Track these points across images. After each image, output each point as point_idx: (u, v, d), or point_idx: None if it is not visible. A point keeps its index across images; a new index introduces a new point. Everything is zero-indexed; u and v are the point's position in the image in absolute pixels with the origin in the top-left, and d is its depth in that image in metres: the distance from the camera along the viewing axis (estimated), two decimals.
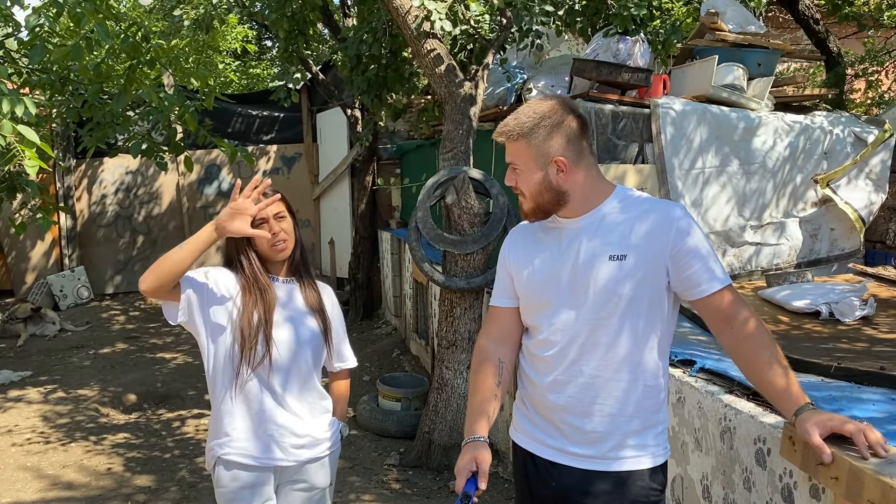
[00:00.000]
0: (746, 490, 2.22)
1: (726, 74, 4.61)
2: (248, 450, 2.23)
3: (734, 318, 1.80)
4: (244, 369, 2.17)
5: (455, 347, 4.63)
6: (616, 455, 1.85)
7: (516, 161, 1.90)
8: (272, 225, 2.21)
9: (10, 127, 4.48)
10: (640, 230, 1.83)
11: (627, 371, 1.84)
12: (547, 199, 1.88)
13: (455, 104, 4.64)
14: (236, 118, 10.67)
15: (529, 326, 2.00)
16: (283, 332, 2.23)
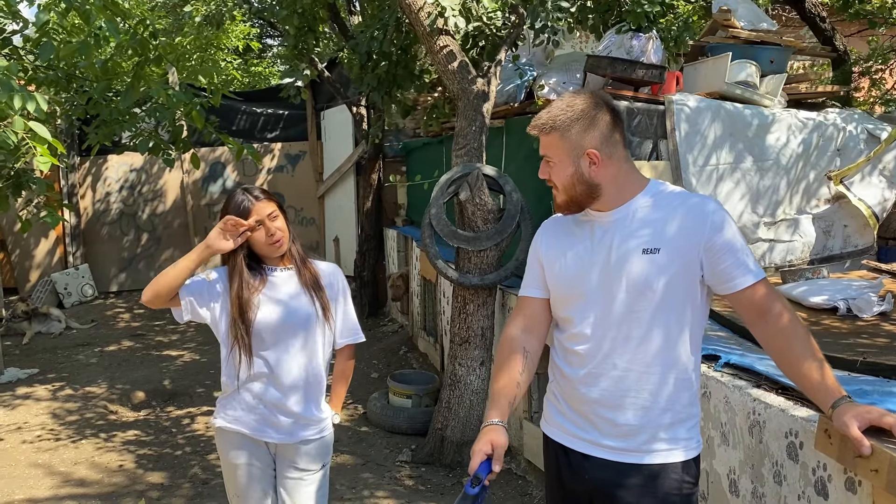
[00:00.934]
0: (777, 484, 2.23)
1: (739, 71, 4.62)
2: (241, 422, 2.48)
3: (768, 312, 1.80)
4: (236, 351, 2.42)
5: (468, 344, 4.63)
6: (649, 448, 1.85)
7: (549, 154, 1.90)
8: (267, 226, 2.40)
9: (21, 123, 4.47)
10: (674, 224, 1.83)
11: (660, 364, 1.84)
12: (580, 191, 1.89)
13: (468, 101, 4.64)
14: (241, 116, 10.66)
15: (561, 319, 1.99)
16: (274, 316, 2.42)
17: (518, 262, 4.53)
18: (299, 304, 2.46)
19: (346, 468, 4.68)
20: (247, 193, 2.43)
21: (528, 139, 5.03)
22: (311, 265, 2.55)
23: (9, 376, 6.73)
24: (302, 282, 2.48)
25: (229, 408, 2.50)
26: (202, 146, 10.10)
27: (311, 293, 2.48)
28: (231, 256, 2.43)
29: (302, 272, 2.50)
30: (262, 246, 2.43)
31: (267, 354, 2.44)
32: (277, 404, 2.46)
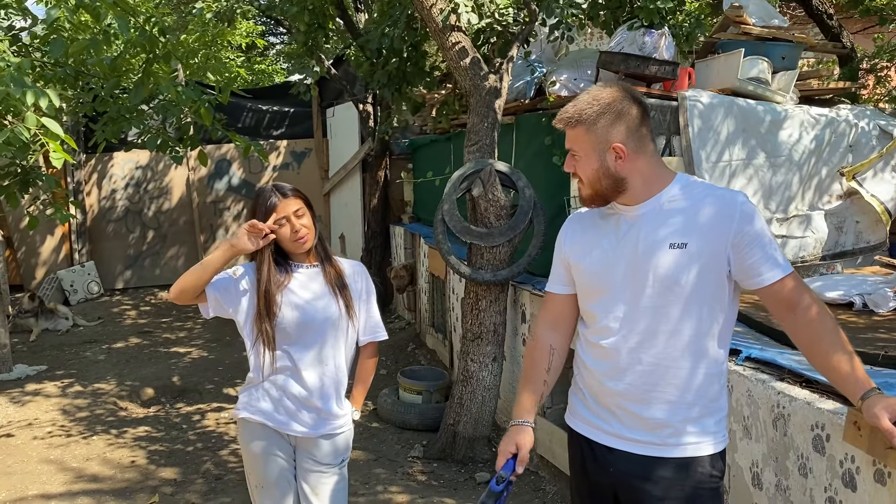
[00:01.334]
0: (802, 476, 2.23)
1: (751, 68, 4.62)
2: (265, 414, 2.52)
3: (797, 305, 1.80)
4: (260, 345, 2.47)
5: (480, 340, 4.63)
6: (676, 441, 1.85)
7: (575, 147, 1.90)
8: (293, 222, 2.43)
9: (34, 119, 4.48)
10: (702, 218, 1.83)
11: (688, 359, 1.84)
12: (605, 185, 1.89)
13: (480, 97, 4.64)
14: (246, 113, 10.67)
15: (587, 314, 2.00)
16: (297, 313, 2.46)
17: (531, 258, 4.54)
18: (323, 302, 2.49)
19: (359, 464, 4.69)
20: (275, 191, 2.46)
21: (539, 136, 5.04)
22: (336, 263, 2.59)
23: (17, 373, 6.74)
24: (326, 279, 2.52)
25: (253, 399, 2.55)
26: (208, 143, 10.09)
27: (335, 291, 2.51)
28: (259, 252, 2.46)
29: (327, 270, 2.53)
30: (287, 242, 2.46)
31: (290, 349, 2.48)
32: (300, 398, 2.50)
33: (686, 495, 1.85)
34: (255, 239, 2.36)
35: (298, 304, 2.47)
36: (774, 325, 3.10)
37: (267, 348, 2.47)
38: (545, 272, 4.71)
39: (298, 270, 2.53)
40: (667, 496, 1.85)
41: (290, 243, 2.46)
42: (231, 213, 10.76)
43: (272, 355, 2.47)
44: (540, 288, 4.48)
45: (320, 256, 2.55)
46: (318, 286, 2.51)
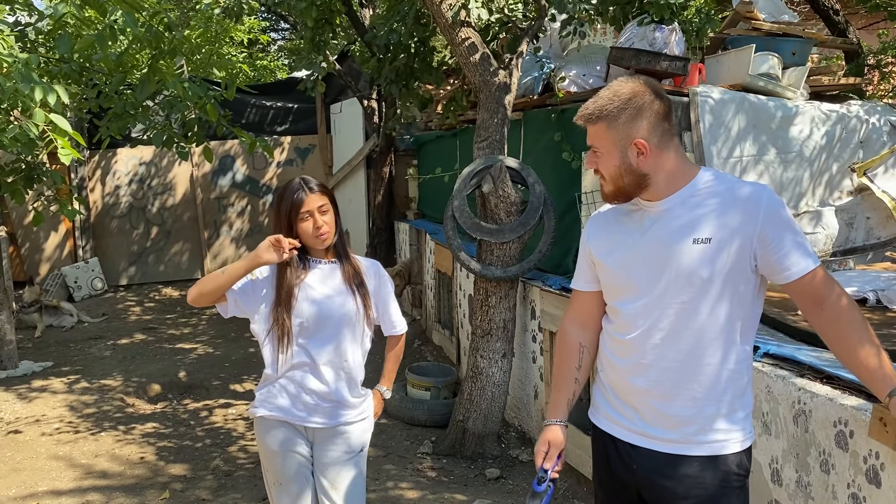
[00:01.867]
0: (824, 473, 2.23)
1: (761, 63, 4.60)
2: (283, 410, 2.54)
3: (825, 299, 1.78)
4: (276, 339, 2.49)
5: (490, 336, 4.63)
6: (700, 439, 1.84)
7: (596, 144, 1.88)
8: (316, 218, 2.44)
9: (42, 115, 4.47)
10: (727, 212, 1.81)
11: (713, 355, 1.83)
12: (627, 182, 1.87)
13: (490, 93, 4.63)
14: (250, 109, 10.65)
15: (611, 310, 1.99)
16: (315, 308, 2.48)
17: (541, 255, 4.53)
18: (340, 298, 2.52)
19: (369, 460, 4.64)
20: (303, 185, 2.48)
21: (548, 132, 5.03)
22: (355, 260, 2.61)
23: (23, 369, 6.73)
24: (344, 276, 2.54)
25: (270, 396, 2.58)
26: (212, 139, 10.08)
27: (353, 288, 2.54)
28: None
29: (345, 267, 2.56)
30: (308, 237, 2.48)
31: (307, 344, 2.50)
32: (318, 392, 2.53)
33: (710, 494, 1.83)
34: (279, 252, 2.36)
35: (316, 300, 2.50)
36: (789, 322, 3.10)
37: (283, 343, 2.49)
38: (555, 268, 4.73)
39: (317, 266, 2.55)
40: (690, 494, 1.84)
41: (311, 238, 2.47)
42: (235, 209, 10.75)
43: (289, 350, 2.49)
44: (550, 284, 4.48)
45: (339, 253, 2.57)
46: (336, 282, 2.53)
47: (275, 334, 2.50)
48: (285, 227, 2.46)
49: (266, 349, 2.57)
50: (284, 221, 2.47)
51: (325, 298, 2.50)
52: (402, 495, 4.16)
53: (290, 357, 2.51)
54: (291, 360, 2.51)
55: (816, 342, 2.72)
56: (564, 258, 4.62)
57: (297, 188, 2.47)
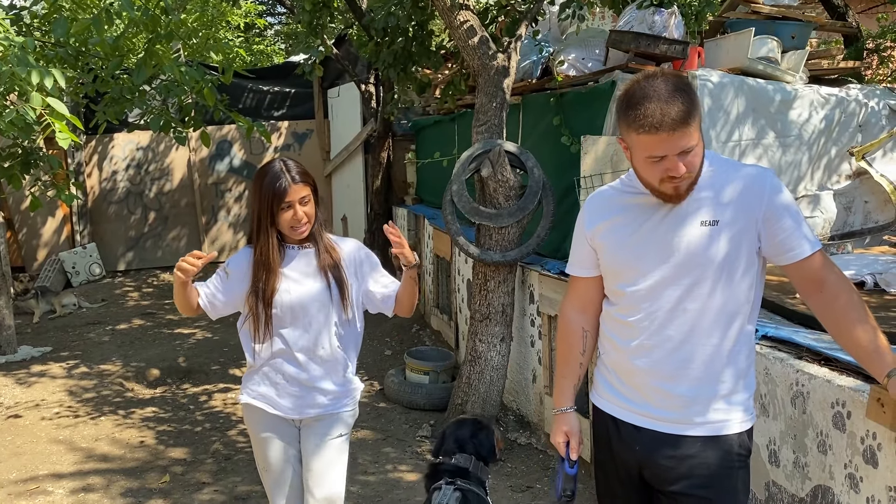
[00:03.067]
0: (821, 453, 2.24)
1: (760, 47, 4.59)
2: (265, 398, 2.55)
3: (825, 281, 1.80)
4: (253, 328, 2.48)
5: (489, 321, 4.64)
6: (702, 419, 1.85)
7: (691, 143, 1.75)
8: (296, 209, 2.39)
9: (39, 99, 4.44)
10: (732, 194, 1.81)
11: (717, 336, 1.84)
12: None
13: (488, 76, 4.61)
14: (247, 94, 10.60)
15: (614, 293, 1.98)
16: (291, 294, 2.45)
17: (539, 239, 4.53)
18: (314, 285, 2.48)
19: (368, 443, 4.71)
20: (285, 173, 2.39)
21: (546, 116, 5.01)
22: (332, 246, 2.54)
23: (22, 354, 6.74)
24: (319, 263, 2.48)
25: (253, 383, 2.58)
26: (209, 124, 10.04)
27: (327, 274, 2.48)
28: (262, 236, 2.44)
29: (321, 254, 2.50)
30: (285, 226, 2.43)
31: (285, 332, 2.49)
32: (297, 379, 2.52)
33: (712, 473, 1.84)
34: (188, 271, 2.30)
35: (290, 287, 2.47)
36: (787, 305, 3.11)
37: (259, 332, 2.48)
38: (553, 253, 4.74)
39: (292, 253, 2.51)
40: (693, 473, 1.85)
41: (288, 228, 2.43)
42: (232, 194, 10.73)
43: (266, 339, 2.49)
44: (549, 268, 4.48)
45: (315, 239, 2.51)
46: (311, 269, 2.49)
47: (250, 323, 2.49)
48: (267, 214, 2.40)
49: (243, 338, 2.56)
50: (265, 209, 2.40)
51: (300, 286, 2.47)
52: (401, 478, 4.19)
53: (267, 346, 2.50)
54: (269, 348, 2.51)
55: (814, 325, 2.73)
56: (563, 242, 4.63)
57: (278, 176, 2.39)
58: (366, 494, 3.97)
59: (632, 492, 2.00)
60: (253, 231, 2.47)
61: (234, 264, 2.51)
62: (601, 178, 4.02)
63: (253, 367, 2.58)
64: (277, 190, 2.36)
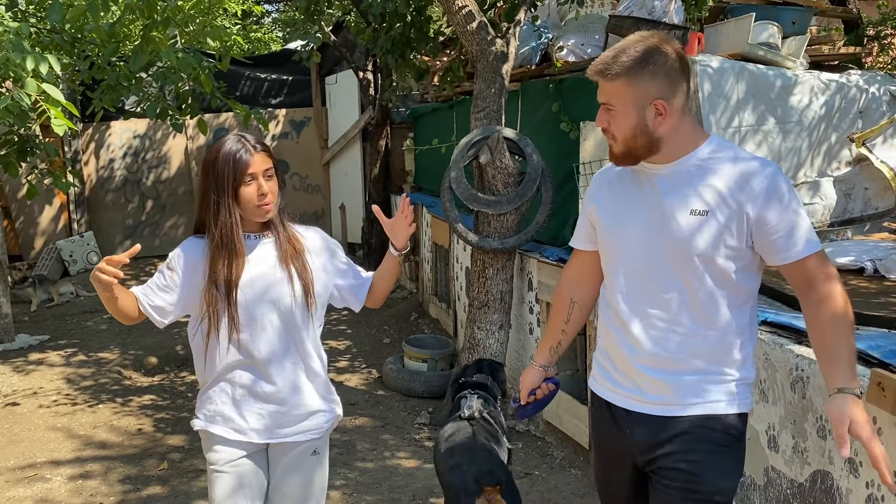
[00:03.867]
0: (821, 438, 2.24)
1: (761, 32, 4.56)
2: (225, 418, 2.14)
3: (813, 285, 1.74)
4: (214, 338, 2.08)
5: (487, 308, 4.63)
6: (692, 401, 1.81)
7: (612, 101, 1.77)
8: (261, 183, 2.05)
9: (34, 85, 4.40)
10: (727, 185, 1.74)
11: (707, 327, 1.80)
12: (640, 143, 1.79)
13: (487, 62, 4.58)
14: (244, 81, 10.56)
15: (606, 275, 1.97)
16: (255, 291, 2.09)
17: (538, 226, 4.52)
18: (277, 278, 2.12)
19: (366, 430, 4.71)
20: (244, 142, 2.05)
21: (545, 102, 4.99)
22: (296, 235, 2.20)
23: (20, 342, 6.73)
24: (280, 254, 2.13)
25: (209, 403, 2.17)
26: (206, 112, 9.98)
27: (290, 267, 2.13)
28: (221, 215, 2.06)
29: (282, 244, 2.15)
30: (248, 206, 2.06)
31: (245, 336, 2.10)
32: (264, 392, 2.13)
33: (698, 448, 1.80)
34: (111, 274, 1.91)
35: (249, 284, 2.09)
36: (787, 291, 3.10)
37: (222, 332, 2.07)
38: (552, 240, 4.72)
39: (249, 243, 2.13)
40: (678, 449, 1.81)
41: (252, 208, 2.06)
42: None
43: (232, 342, 2.08)
44: (547, 256, 4.47)
45: (276, 227, 2.16)
46: (272, 262, 2.13)
47: (203, 326, 2.09)
48: (226, 190, 2.03)
49: (195, 347, 2.18)
50: (225, 184, 2.03)
51: (262, 280, 2.11)
52: (399, 465, 4.18)
53: (225, 352, 2.10)
54: (227, 356, 2.10)
55: None
56: (562, 229, 4.61)
57: (238, 146, 2.04)
58: (364, 481, 3.97)
59: (626, 478, 1.98)
60: (208, 214, 2.07)
61: (180, 257, 2.12)
62: (600, 165, 4.00)
63: (206, 384, 2.18)
64: (239, 161, 2.02)
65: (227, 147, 2.04)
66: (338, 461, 4.21)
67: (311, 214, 10.82)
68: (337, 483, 3.93)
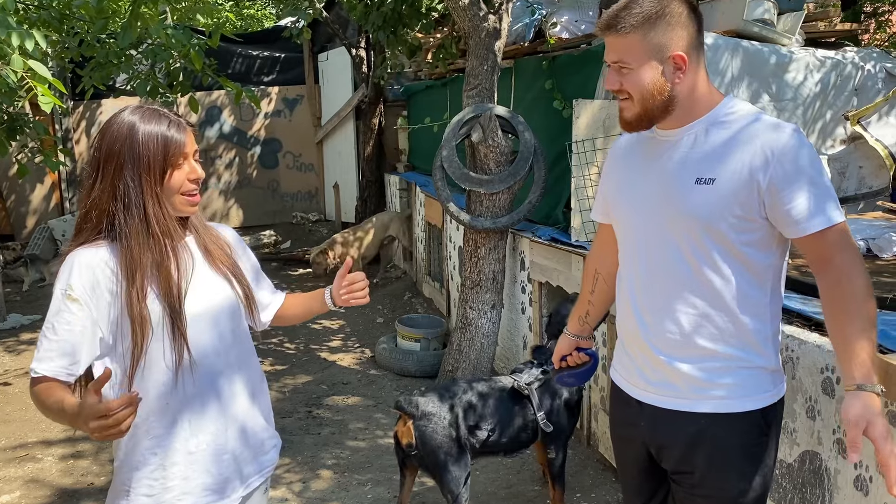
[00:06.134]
0: (810, 419, 2.23)
1: (756, 8, 4.50)
2: (200, 488, 1.65)
3: (831, 261, 1.57)
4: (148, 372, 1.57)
5: (479, 288, 4.61)
6: (706, 394, 1.69)
7: (626, 58, 1.62)
8: (194, 167, 1.63)
9: (20, 62, 4.34)
10: (739, 151, 1.60)
11: (719, 308, 1.65)
12: (658, 103, 1.64)
13: (479, 39, 4.52)
14: (236, 59, 10.45)
15: (619, 249, 1.87)
16: (199, 303, 1.64)
17: (531, 205, 4.48)
18: (213, 285, 1.70)
19: (359, 409, 4.70)
20: (168, 115, 1.61)
21: (539, 80, 4.93)
22: (217, 233, 1.79)
23: (12, 322, 6.71)
24: (208, 257, 1.71)
25: (153, 476, 1.61)
26: (198, 90, 9.90)
27: (223, 268, 1.72)
28: (149, 205, 1.57)
29: (207, 244, 1.73)
30: (174, 192, 1.61)
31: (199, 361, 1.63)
32: (227, 434, 1.68)
33: (718, 452, 1.69)
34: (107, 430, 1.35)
35: (194, 289, 1.66)
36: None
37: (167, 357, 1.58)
38: (545, 219, 4.69)
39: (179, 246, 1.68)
40: (694, 454, 1.71)
41: (179, 197, 1.61)
42: (223, 161, 10.62)
43: (166, 377, 1.58)
44: (540, 235, 4.44)
45: (192, 222, 1.71)
46: (202, 266, 1.69)
47: (124, 362, 1.56)
48: (153, 173, 1.56)
49: (120, 385, 1.58)
50: (151, 165, 1.56)
51: (202, 289, 1.67)
52: (390, 443, 4.17)
53: (164, 388, 1.59)
54: (168, 392, 1.59)
55: (805, 290, 2.70)
56: (554, 209, 4.58)
57: (164, 121, 1.59)
58: (355, 461, 3.97)
59: (642, 469, 1.89)
60: (117, 208, 1.56)
61: (81, 278, 1.54)
62: (593, 143, 3.96)
63: (128, 450, 1.61)
64: (170, 139, 1.57)
65: (150, 121, 1.57)
66: (330, 440, 4.21)
67: (304, 193, 10.77)
68: (329, 462, 3.93)
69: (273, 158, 10.68)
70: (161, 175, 1.57)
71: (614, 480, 3.61)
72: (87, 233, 1.60)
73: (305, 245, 9.55)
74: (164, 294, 1.58)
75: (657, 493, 1.92)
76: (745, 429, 1.69)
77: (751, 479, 1.71)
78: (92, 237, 1.59)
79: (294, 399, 4.83)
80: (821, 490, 2.21)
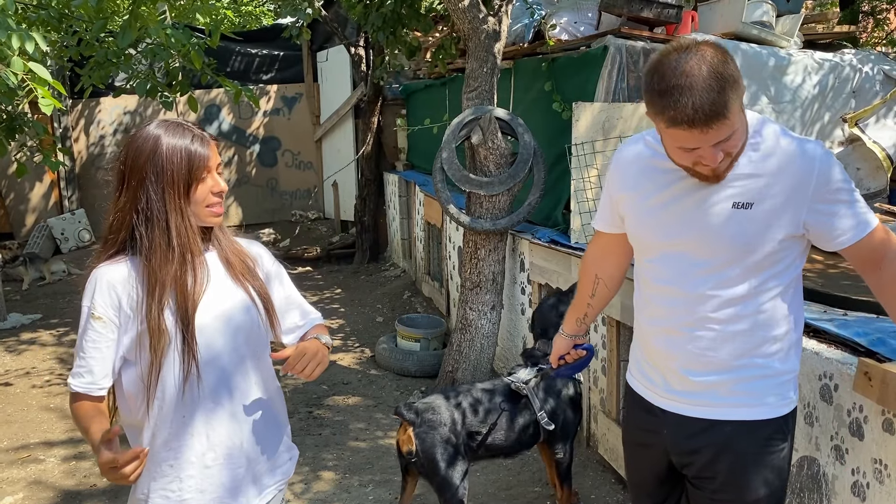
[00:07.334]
0: (808, 425, 2.25)
1: (755, 10, 4.53)
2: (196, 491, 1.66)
3: (882, 260, 1.65)
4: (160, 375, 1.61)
5: (479, 289, 4.63)
6: (729, 402, 1.74)
7: (730, 131, 1.57)
8: (217, 181, 1.66)
9: (20, 64, 4.35)
10: (774, 176, 1.64)
11: (744, 322, 1.71)
12: None
13: (479, 41, 4.53)
14: (235, 57, 10.44)
15: (640, 265, 1.89)
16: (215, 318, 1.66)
17: (530, 207, 4.50)
18: (231, 297, 1.70)
19: (359, 409, 4.73)
20: (193, 129, 1.65)
21: (538, 81, 4.95)
22: (240, 247, 1.80)
23: (12, 322, 6.72)
24: (230, 269, 1.73)
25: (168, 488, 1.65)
26: (197, 88, 9.89)
27: (243, 281, 1.73)
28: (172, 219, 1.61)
29: (229, 257, 1.74)
30: (200, 205, 1.64)
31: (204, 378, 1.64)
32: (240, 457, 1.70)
33: (739, 460, 1.74)
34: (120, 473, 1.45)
35: (205, 305, 1.66)
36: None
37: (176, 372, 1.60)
38: (544, 221, 4.71)
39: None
40: (718, 461, 1.76)
41: (203, 209, 1.65)
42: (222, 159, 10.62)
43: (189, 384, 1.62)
44: (539, 237, 4.46)
45: (216, 235, 1.74)
46: (222, 279, 1.71)
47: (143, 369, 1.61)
48: (178, 187, 1.60)
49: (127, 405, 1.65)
50: (175, 179, 1.60)
51: (219, 303, 1.68)
52: (392, 444, 4.20)
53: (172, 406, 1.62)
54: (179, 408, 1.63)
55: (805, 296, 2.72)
56: (554, 210, 4.60)
57: (189, 135, 1.63)
58: (356, 462, 3.99)
59: (660, 477, 1.93)
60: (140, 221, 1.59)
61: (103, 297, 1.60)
62: (593, 146, 3.98)
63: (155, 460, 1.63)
64: (195, 153, 1.62)
65: (174, 136, 1.61)
66: (331, 441, 4.24)
67: (303, 191, 10.78)
68: (329, 463, 3.95)
69: (272, 156, 10.68)
70: (185, 189, 1.61)
71: (614, 481, 3.64)
72: (110, 245, 1.64)
73: (304, 243, 9.57)
74: (178, 307, 1.60)
75: (669, 497, 1.97)
76: (768, 435, 1.76)
77: (772, 484, 1.78)
78: (115, 250, 1.64)
79: (294, 399, 4.85)
80: (818, 495, 2.24)
